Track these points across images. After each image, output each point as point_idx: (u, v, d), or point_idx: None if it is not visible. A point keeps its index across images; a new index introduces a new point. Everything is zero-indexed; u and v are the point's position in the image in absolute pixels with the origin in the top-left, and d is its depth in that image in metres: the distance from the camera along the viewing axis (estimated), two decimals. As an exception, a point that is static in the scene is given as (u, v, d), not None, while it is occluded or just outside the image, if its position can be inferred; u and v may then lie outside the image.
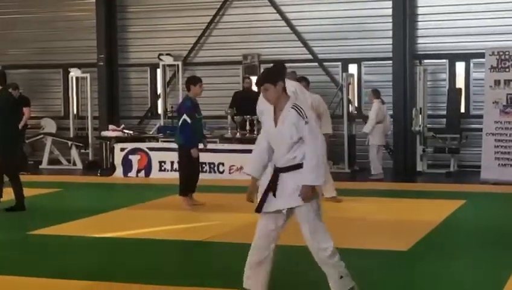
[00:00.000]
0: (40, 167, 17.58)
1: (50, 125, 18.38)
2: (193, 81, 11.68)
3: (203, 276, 7.41)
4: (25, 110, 15.73)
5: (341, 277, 6.03)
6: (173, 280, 7.19)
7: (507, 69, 14.25)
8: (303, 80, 12.57)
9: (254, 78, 17.46)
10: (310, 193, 5.88)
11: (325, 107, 11.96)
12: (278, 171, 5.96)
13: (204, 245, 8.97)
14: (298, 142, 5.84)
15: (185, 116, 11.30)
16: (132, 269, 7.74)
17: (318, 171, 5.80)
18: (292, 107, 5.93)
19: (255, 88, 12.02)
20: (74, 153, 17.65)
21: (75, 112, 18.54)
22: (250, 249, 6.16)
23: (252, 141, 15.37)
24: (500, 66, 14.34)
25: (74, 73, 18.18)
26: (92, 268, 7.79)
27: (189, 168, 11.55)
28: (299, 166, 5.86)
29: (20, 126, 14.95)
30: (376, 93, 15.26)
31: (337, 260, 6.05)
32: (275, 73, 6.23)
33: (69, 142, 17.78)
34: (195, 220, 10.54)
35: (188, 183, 11.57)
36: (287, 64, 11.83)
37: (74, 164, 17.62)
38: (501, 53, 14.36)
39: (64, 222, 10.35)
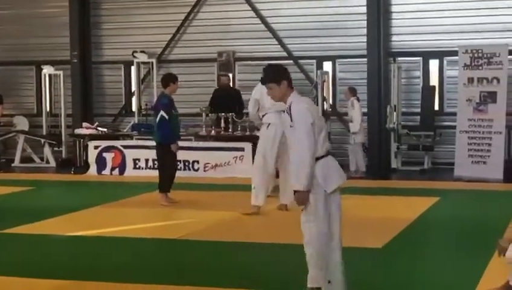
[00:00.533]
0: (12, 165, 17.42)
1: (22, 123, 18.21)
2: (171, 78, 11.68)
3: (178, 274, 7.38)
4: (-2, 107, 15.60)
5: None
6: (147, 278, 7.15)
7: (480, 67, 14.35)
8: None
9: (231, 75, 17.49)
10: (298, 197, 5.90)
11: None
12: None
13: (178, 243, 8.93)
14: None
15: (162, 113, 11.28)
16: (106, 267, 7.69)
17: (297, 175, 5.82)
18: (285, 110, 6.01)
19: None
20: (47, 150, 17.52)
21: (48, 109, 18.39)
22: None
23: (227, 138, 15.39)
24: (473, 64, 14.44)
25: (47, 70, 18.03)
26: (65, 267, 7.73)
27: (166, 166, 11.53)
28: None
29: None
30: (353, 91, 15.31)
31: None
32: (279, 72, 6.20)
33: (42, 140, 17.65)
34: (170, 218, 10.50)
35: (166, 180, 11.54)
36: (261, 62, 11.91)
37: (47, 162, 17.49)
38: (474, 51, 14.45)
39: (37, 220, 10.27)
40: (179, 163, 14.49)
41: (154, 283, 6.97)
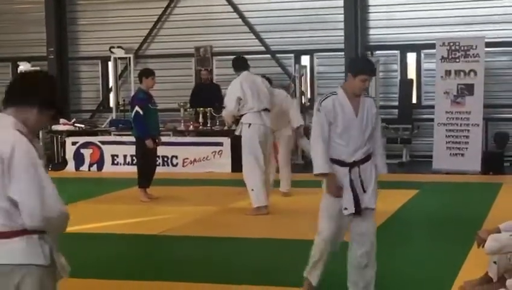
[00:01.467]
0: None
1: (-1, 120, 18.04)
2: (145, 73, 11.63)
3: (158, 269, 7.35)
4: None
5: None
6: (127, 274, 7.13)
7: (457, 60, 14.41)
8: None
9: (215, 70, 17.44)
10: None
11: (290, 101, 11.94)
12: (356, 165, 5.92)
13: (158, 239, 8.90)
14: (371, 133, 5.95)
15: (137, 108, 11.26)
16: (85, 264, 7.64)
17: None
18: (367, 96, 6.03)
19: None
20: (24, 147, 17.37)
21: (25, 106, 18.23)
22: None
23: (206, 133, 15.36)
24: (450, 56, 14.49)
25: (23, 66, 17.91)
26: (44, 264, 7.67)
27: (145, 161, 11.48)
28: (370, 157, 5.95)
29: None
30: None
31: None
32: None
33: (19, 137, 17.49)
34: (149, 213, 10.46)
35: (145, 175, 11.48)
36: (233, 59, 11.84)
37: (25, 159, 17.33)
38: (451, 44, 14.50)
39: (15, 217, 10.17)
40: (157, 158, 14.49)
41: (133, 279, 6.94)
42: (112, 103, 18.21)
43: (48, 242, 3.71)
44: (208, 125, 15.45)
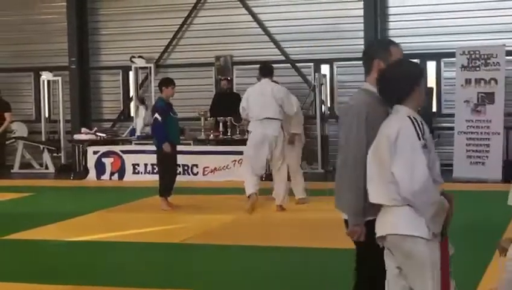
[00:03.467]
0: (11, 171, 17.42)
1: (21, 129, 18.21)
2: (165, 83, 11.73)
3: (179, 277, 7.40)
4: (6, 115, 15.62)
5: None
6: (148, 282, 7.17)
7: (477, 68, 14.38)
8: None
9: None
10: None
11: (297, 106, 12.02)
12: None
13: (179, 247, 8.95)
14: None
15: (156, 115, 11.37)
16: (106, 272, 7.71)
17: None
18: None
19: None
20: (46, 156, 17.53)
21: (46, 115, 18.41)
22: None
23: (226, 142, 15.41)
24: (470, 65, 14.47)
25: (46, 76, 18.05)
26: (66, 272, 7.75)
27: (165, 169, 11.57)
28: None
29: (0, 131, 14.98)
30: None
31: None
32: None
33: (41, 146, 17.66)
34: (170, 222, 10.51)
35: (165, 184, 11.56)
36: (259, 66, 11.95)
37: (46, 168, 17.50)
38: (471, 52, 14.48)
39: (37, 226, 10.28)
40: (178, 167, 14.58)
41: (155, 287, 6.98)
42: (132, 112, 18.31)
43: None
44: (228, 134, 15.50)
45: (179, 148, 14.32)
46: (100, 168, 15.60)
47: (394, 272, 4.26)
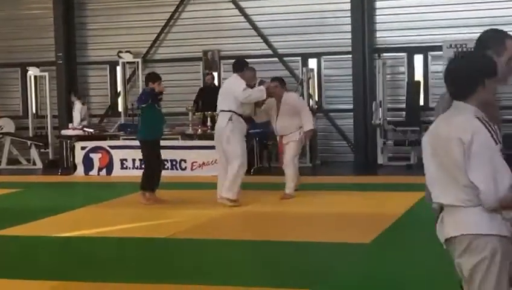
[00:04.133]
0: (-1, 167, 17.38)
1: (8, 125, 18.15)
2: (152, 78, 11.69)
3: (167, 272, 7.40)
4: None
5: None
6: (137, 277, 7.17)
7: (464, 62, 14.39)
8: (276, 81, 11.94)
9: (216, 74, 17.52)
10: None
11: (301, 103, 11.91)
12: None
13: (167, 242, 8.95)
14: None
15: (146, 93, 11.51)
16: (94, 267, 7.70)
17: None
18: None
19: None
20: (34, 152, 17.48)
21: (34, 111, 18.36)
22: None
23: (212, 137, 15.37)
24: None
25: (33, 72, 17.99)
26: (54, 268, 7.74)
27: (150, 163, 11.56)
28: None
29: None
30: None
31: None
32: None
33: (29, 142, 17.60)
34: (158, 217, 10.50)
35: (149, 179, 11.55)
36: (247, 60, 11.93)
37: (34, 164, 17.45)
38: (458, 46, 14.53)
39: (24, 222, 10.24)
40: (166, 162, 14.57)
41: (142, 282, 6.99)
42: (120, 108, 18.28)
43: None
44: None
45: (167, 143, 14.35)
46: (88, 163, 15.56)
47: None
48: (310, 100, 16.31)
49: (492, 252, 3.83)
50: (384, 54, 16.31)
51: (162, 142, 14.69)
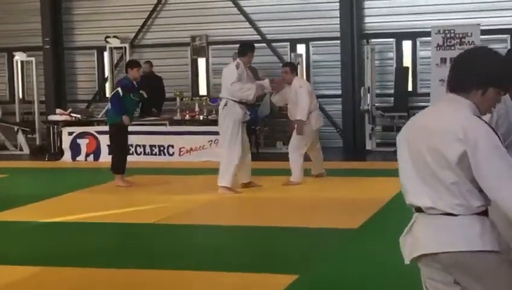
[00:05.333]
0: (-14, 152, 17.28)
1: (-5, 110, 18.06)
2: (130, 64, 11.99)
3: (154, 258, 7.37)
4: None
5: None
6: (124, 263, 7.15)
7: (453, 47, 14.41)
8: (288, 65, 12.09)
9: (202, 60, 17.46)
10: None
11: (300, 92, 11.58)
12: None
13: (155, 227, 8.92)
14: None
15: (118, 89, 11.64)
16: (81, 253, 7.66)
17: None
18: None
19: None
20: (21, 138, 17.39)
21: (20, 96, 18.25)
22: None
23: (202, 122, 15.36)
24: (446, 44, 14.50)
25: (19, 57, 17.88)
26: (40, 253, 7.70)
27: (121, 147, 11.85)
28: None
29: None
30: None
31: None
32: None
33: (15, 127, 17.51)
34: (145, 203, 10.47)
35: (121, 161, 11.80)
36: (235, 46, 11.90)
37: (21, 149, 17.36)
38: (447, 31, 14.50)
39: (11, 207, 10.19)
40: (154, 148, 14.56)
41: (129, 268, 6.96)
42: (107, 93, 18.19)
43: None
44: (205, 114, 15.46)
45: (155, 128, 14.35)
46: (75, 149, 15.49)
47: None
48: (298, 86, 16.26)
49: (488, 272, 3.27)
50: (373, 40, 16.28)
51: (151, 128, 14.73)
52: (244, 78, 10.92)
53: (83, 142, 15.48)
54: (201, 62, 17.68)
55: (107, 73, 18.24)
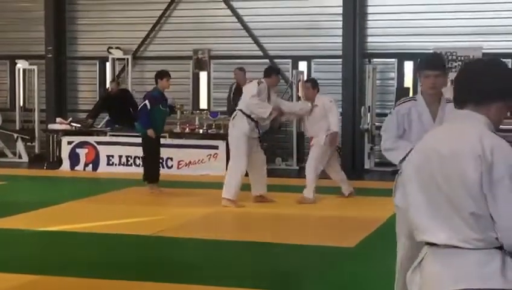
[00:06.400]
0: (-16, 159, 17.28)
1: (-5, 117, 18.07)
2: (159, 74, 12.26)
3: (150, 270, 7.37)
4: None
5: None
6: (119, 274, 7.14)
7: (454, 70, 14.45)
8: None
9: (203, 74, 17.51)
10: None
11: (331, 105, 11.71)
12: None
13: (152, 240, 8.91)
14: None
15: (146, 102, 11.94)
16: (77, 263, 7.66)
17: None
18: (449, 101, 5.32)
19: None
20: (20, 145, 17.39)
21: (21, 104, 18.26)
22: None
23: (201, 136, 15.36)
24: (447, 66, 14.52)
25: (21, 64, 17.90)
26: (36, 262, 7.69)
27: (152, 157, 12.09)
28: None
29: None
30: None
31: None
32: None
33: (15, 135, 17.51)
34: (143, 214, 10.47)
35: (155, 169, 12.14)
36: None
37: (20, 157, 17.36)
38: (449, 53, 14.56)
39: (8, 215, 10.19)
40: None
41: (125, 279, 6.96)
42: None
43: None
44: (204, 128, 15.49)
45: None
46: (74, 158, 15.50)
47: None
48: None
49: None
50: (375, 59, 16.32)
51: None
52: (263, 97, 11.03)
53: (82, 152, 15.49)
54: (203, 76, 17.70)
55: (108, 84, 18.25)
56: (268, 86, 11.16)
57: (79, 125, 16.38)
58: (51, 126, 16.56)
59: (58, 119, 16.70)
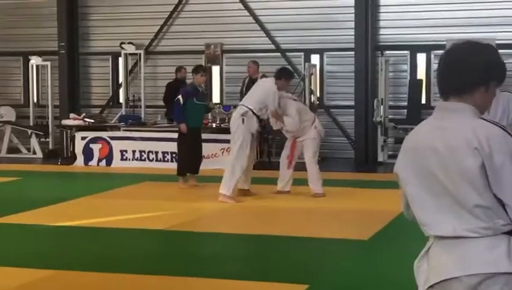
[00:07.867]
0: (-1, 155, 17.37)
1: (9, 114, 18.14)
2: (195, 70, 12.39)
3: (165, 264, 7.39)
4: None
5: None
6: (134, 268, 7.17)
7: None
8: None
9: (216, 68, 17.52)
10: None
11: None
12: None
13: (165, 234, 8.94)
14: None
15: (179, 97, 12.07)
16: (92, 257, 7.69)
17: None
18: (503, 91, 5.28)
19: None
20: (34, 141, 17.47)
21: (35, 100, 18.34)
22: None
23: (215, 130, 15.36)
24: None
25: (35, 61, 17.97)
26: (51, 257, 7.73)
27: (185, 148, 12.10)
28: None
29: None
30: None
31: None
32: None
33: (29, 131, 17.59)
34: (157, 209, 10.50)
35: (184, 162, 12.14)
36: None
37: (34, 153, 17.44)
38: (462, 45, 14.46)
39: (23, 210, 10.25)
40: (166, 154, 14.61)
41: (138, 273, 6.98)
42: (121, 99, 18.27)
43: None
44: (217, 122, 15.49)
45: (165, 135, 14.45)
46: (88, 154, 15.55)
47: None
48: (312, 96, 16.30)
49: None
50: (387, 52, 16.28)
51: (160, 134, 14.81)
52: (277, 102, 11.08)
53: (96, 147, 15.53)
54: (215, 70, 17.72)
55: (121, 79, 18.31)
56: (278, 87, 11.12)
57: (92, 121, 16.40)
58: (65, 122, 16.61)
59: (71, 115, 16.76)
